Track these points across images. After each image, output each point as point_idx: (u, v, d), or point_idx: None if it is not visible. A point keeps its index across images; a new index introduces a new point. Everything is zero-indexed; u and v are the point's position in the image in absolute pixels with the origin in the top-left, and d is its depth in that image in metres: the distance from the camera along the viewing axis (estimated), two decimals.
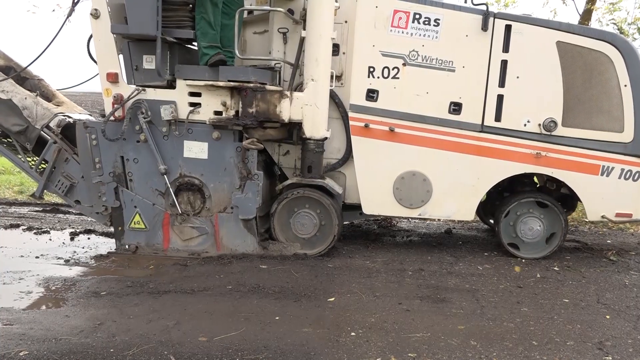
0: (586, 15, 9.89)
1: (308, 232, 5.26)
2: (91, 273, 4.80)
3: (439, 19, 5.06)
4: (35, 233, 6.22)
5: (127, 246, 5.30)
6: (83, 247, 5.67)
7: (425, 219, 6.54)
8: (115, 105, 5.04)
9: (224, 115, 5.01)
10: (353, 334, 3.54)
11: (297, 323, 3.69)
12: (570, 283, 4.72)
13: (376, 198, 5.35)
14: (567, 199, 5.66)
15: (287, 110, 5.00)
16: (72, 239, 6.01)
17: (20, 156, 5.73)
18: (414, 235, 6.50)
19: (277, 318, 3.77)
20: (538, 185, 5.59)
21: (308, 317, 3.81)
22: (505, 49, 5.05)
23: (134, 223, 5.24)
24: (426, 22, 5.07)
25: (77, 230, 6.31)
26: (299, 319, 3.76)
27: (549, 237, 5.40)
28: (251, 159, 5.06)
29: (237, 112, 4.99)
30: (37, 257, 5.24)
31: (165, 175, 5.09)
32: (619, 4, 10.85)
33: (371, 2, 5.11)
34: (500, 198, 5.69)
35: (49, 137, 5.50)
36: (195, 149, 5.12)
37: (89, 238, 6.08)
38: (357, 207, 5.56)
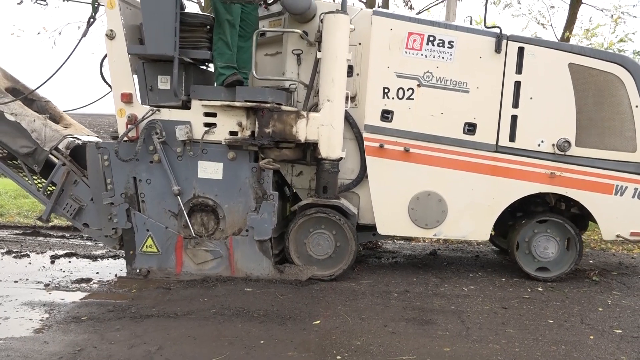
0: (564, 41, 10.12)
1: (323, 253, 5.20)
2: (71, 297, 4.68)
3: (452, 41, 5.13)
4: (14, 257, 6.09)
5: (138, 270, 5.18)
6: (64, 271, 5.54)
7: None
8: (130, 126, 4.99)
9: (239, 135, 4.99)
10: (339, 357, 3.48)
11: (282, 347, 3.63)
12: (554, 303, 4.73)
13: (391, 218, 5.33)
14: (579, 219, 5.69)
15: (304, 130, 4.99)
16: (52, 262, 5.89)
17: (27, 178, 5.62)
18: (400, 257, 6.49)
19: (261, 342, 3.70)
20: (551, 206, 5.61)
21: (293, 340, 3.75)
22: (519, 70, 5.13)
23: (146, 247, 5.13)
24: (440, 44, 5.14)
25: (58, 254, 6.20)
26: (284, 343, 3.70)
27: (541, 267, 5.43)
28: (267, 179, 5.02)
29: (252, 132, 4.97)
30: (15, 282, 5.11)
31: (178, 196, 5.02)
32: (596, 29, 11.21)
33: (386, 24, 5.18)
34: (512, 218, 5.69)
35: (58, 159, 5.42)
36: (210, 170, 5.07)
37: (70, 261, 5.96)
38: (370, 228, 5.54)
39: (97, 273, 5.48)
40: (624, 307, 4.68)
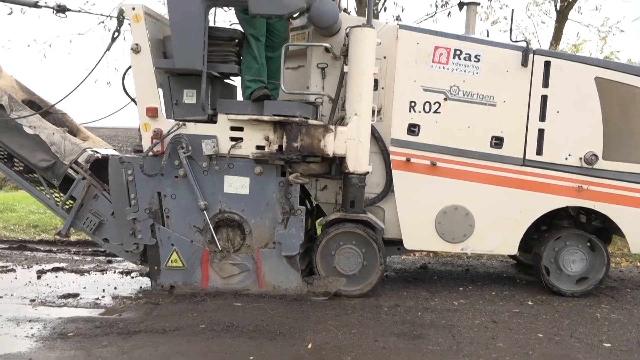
0: None
1: (352, 268, 5.14)
2: (58, 313, 4.60)
3: (479, 55, 5.13)
4: (0, 271, 5.97)
5: (162, 286, 5.10)
6: (50, 286, 5.45)
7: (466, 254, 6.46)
8: (155, 140, 4.93)
9: (266, 149, 4.94)
10: None
11: None
12: (544, 317, 4.74)
13: (418, 233, 5.29)
14: (602, 232, 5.67)
15: (332, 144, 4.95)
16: (39, 277, 5.78)
17: (45, 192, 5.53)
18: (390, 271, 6.45)
19: (251, 358, 3.67)
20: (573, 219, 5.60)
21: (283, 356, 3.73)
22: (545, 84, 5.14)
23: (171, 261, 5.06)
24: (467, 58, 5.14)
25: (45, 268, 6.09)
26: (274, 359, 3.67)
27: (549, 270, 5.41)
28: (294, 194, 4.97)
29: (279, 146, 4.92)
30: (1, 297, 5.02)
31: (204, 211, 4.96)
32: (582, 45, 11.25)
33: (412, 38, 5.17)
34: (537, 232, 5.67)
35: (78, 173, 5.33)
36: (237, 184, 5.01)
37: (56, 276, 5.86)
38: (395, 242, 5.50)
39: (85, 288, 5.39)
40: (612, 320, 4.70)
